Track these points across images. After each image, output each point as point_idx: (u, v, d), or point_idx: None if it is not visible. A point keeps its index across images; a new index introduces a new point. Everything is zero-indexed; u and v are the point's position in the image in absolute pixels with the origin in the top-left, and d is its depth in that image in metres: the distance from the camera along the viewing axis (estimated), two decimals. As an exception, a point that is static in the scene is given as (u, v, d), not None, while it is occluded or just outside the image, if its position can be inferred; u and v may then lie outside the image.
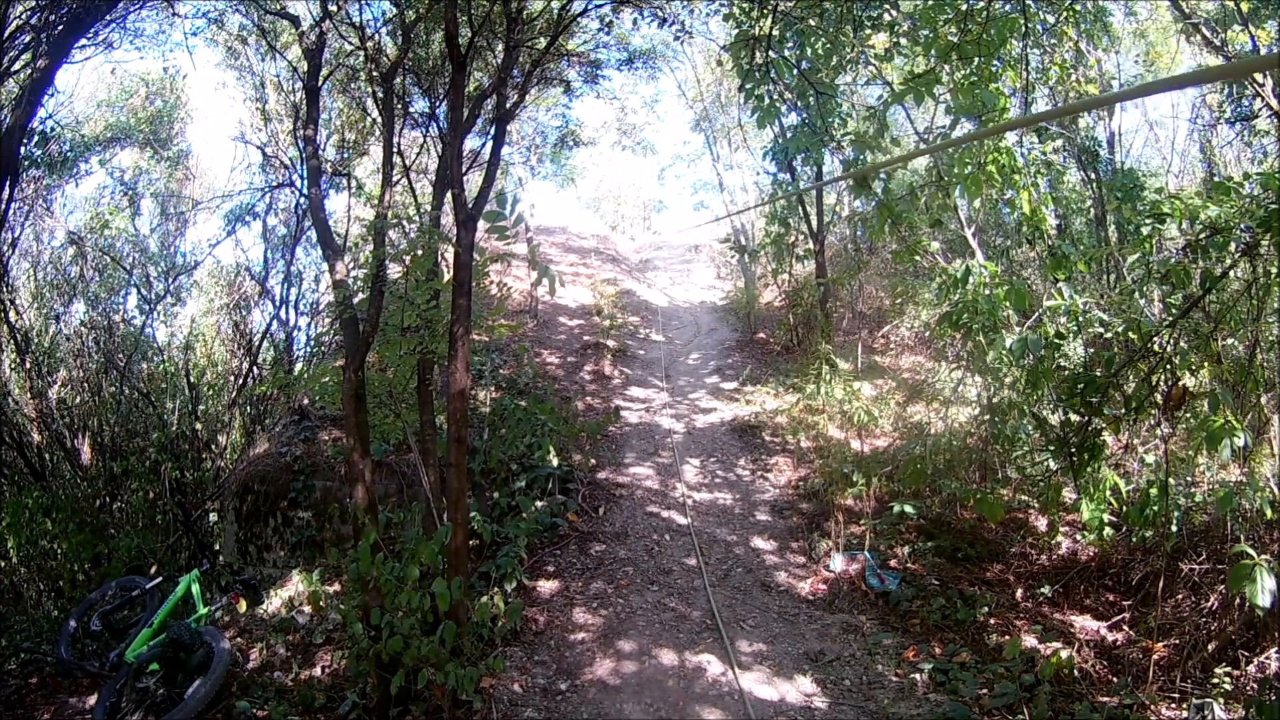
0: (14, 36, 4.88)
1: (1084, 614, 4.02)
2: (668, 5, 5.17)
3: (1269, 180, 3.05)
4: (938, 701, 3.33)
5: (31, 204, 8.23)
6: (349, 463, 3.77)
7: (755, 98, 4.79)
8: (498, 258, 4.11)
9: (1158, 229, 3.25)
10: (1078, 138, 6.77)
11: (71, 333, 8.63)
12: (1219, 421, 2.84)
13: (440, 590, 3.04)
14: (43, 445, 6.95)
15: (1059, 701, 3.18)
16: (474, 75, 6.19)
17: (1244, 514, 3.36)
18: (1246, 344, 3.69)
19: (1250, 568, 2.30)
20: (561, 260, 13.74)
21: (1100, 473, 3.54)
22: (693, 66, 13.61)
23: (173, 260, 10.21)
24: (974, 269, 3.90)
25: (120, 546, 5.57)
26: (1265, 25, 5.25)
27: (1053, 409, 4.46)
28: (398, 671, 3.08)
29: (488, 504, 5.35)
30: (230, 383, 9.20)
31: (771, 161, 8.13)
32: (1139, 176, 6.51)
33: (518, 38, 4.55)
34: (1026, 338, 3.64)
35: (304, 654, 4.24)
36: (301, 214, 9.07)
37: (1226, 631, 3.18)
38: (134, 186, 10.19)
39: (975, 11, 3.88)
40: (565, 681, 3.69)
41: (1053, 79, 5.65)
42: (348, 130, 8.40)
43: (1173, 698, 3.06)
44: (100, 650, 4.11)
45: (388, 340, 4.15)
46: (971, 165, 4.07)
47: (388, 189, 4.62)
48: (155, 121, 10.18)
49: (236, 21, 7.24)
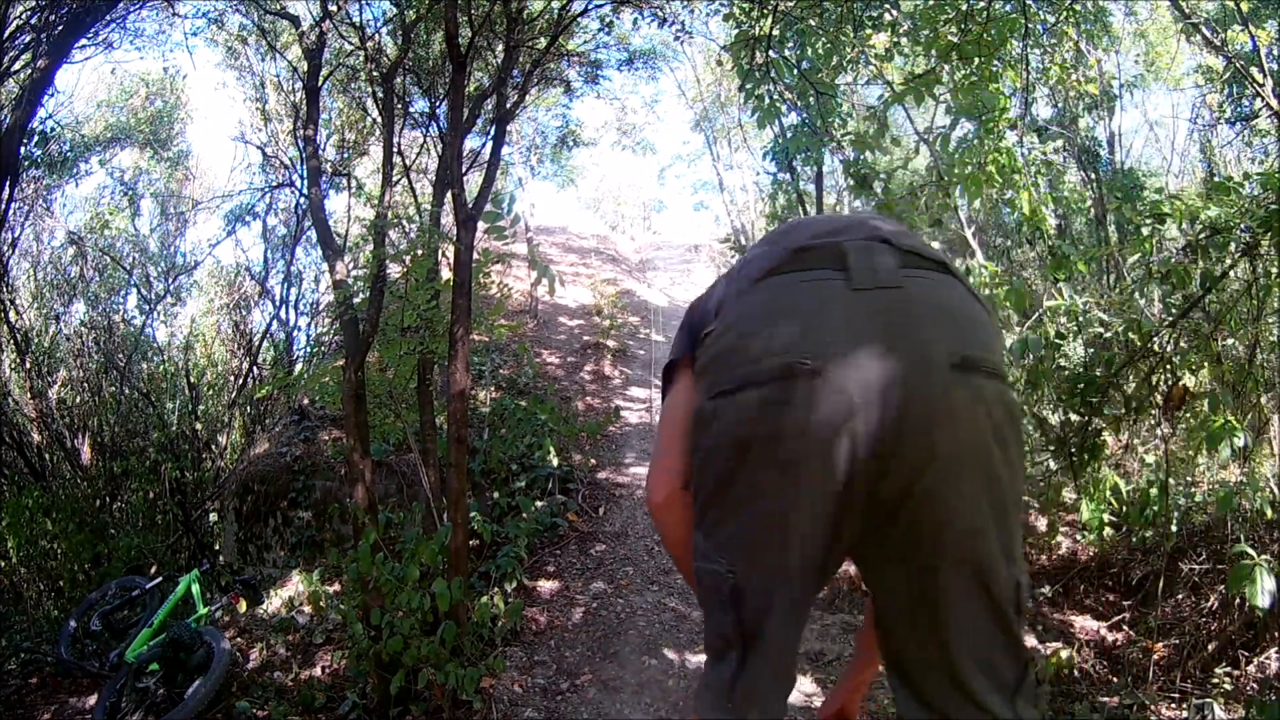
0: (14, 36, 4.88)
1: (1084, 614, 4.02)
2: (668, 5, 5.16)
3: (1269, 180, 3.05)
4: (938, 701, 3.32)
5: (31, 204, 8.22)
6: (349, 463, 3.77)
7: (755, 98, 4.79)
8: (498, 258, 4.11)
9: (1158, 229, 3.25)
10: (1078, 138, 6.78)
11: (71, 333, 8.62)
12: (1219, 421, 2.84)
13: (440, 590, 3.04)
14: (43, 445, 6.95)
15: (1059, 701, 3.18)
16: (474, 75, 6.19)
17: (1244, 514, 3.36)
18: (1246, 344, 3.69)
19: (1250, 568, 2.30)
20: (561, 260, 13.74)
21: (1100, 473, 3.54)
22: (693, 66, 13.61)
23: (173, 260, 10.20)
24: (974, 269, 3.90)
25: (120, 546, 5.57)
26: (1265, 25, 5.26)
27: (1053, 409, 4.46)
28: (398, 671, 3.08)
29: (488, 504, 5.35)
30: (230, 383, 9.20)
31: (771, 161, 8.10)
32: (1139, 176, 6.52)
33: (518, 38, 4.55)
34: (1026, 338, 3.64)
35: (304, 654, 4.24)
36: (301, 214, 9.06)
37: (1226, 631, 3.17)
38: (134, 186, 10.19)
39: (975, 11, 3.87)
40: (565, 681, 3.69)
41: (1053, 79, 5.65)
42: (348, 130, 8.39)
43: (1173, 698, 3.06)
44: (100, 650, 4.10)
45: (388, 340, 4.16)
46: (972, 165, 4.07)
47: (388, 189, 4.62)
48: (155, 121, 10.18)
49: (236, 21, 7.23)
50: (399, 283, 4.33)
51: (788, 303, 1.05)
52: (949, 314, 1.03)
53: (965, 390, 1.00)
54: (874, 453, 0.99)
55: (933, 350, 0.99)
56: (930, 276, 1.06)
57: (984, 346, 1.03)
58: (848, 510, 1.03)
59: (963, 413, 1.00)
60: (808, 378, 0.99)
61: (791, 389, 1.00)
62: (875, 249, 1.05)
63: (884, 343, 0.99)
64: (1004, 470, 1.03)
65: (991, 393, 1.02)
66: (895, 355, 0.99)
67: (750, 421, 1.03)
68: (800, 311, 1.03)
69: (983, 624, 1.04)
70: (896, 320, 1.00)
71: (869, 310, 1.01)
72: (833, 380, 0.99)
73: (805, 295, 1.04)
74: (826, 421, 0.99)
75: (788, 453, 1.01)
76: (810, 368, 0.99)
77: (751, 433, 1.03)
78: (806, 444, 1.00)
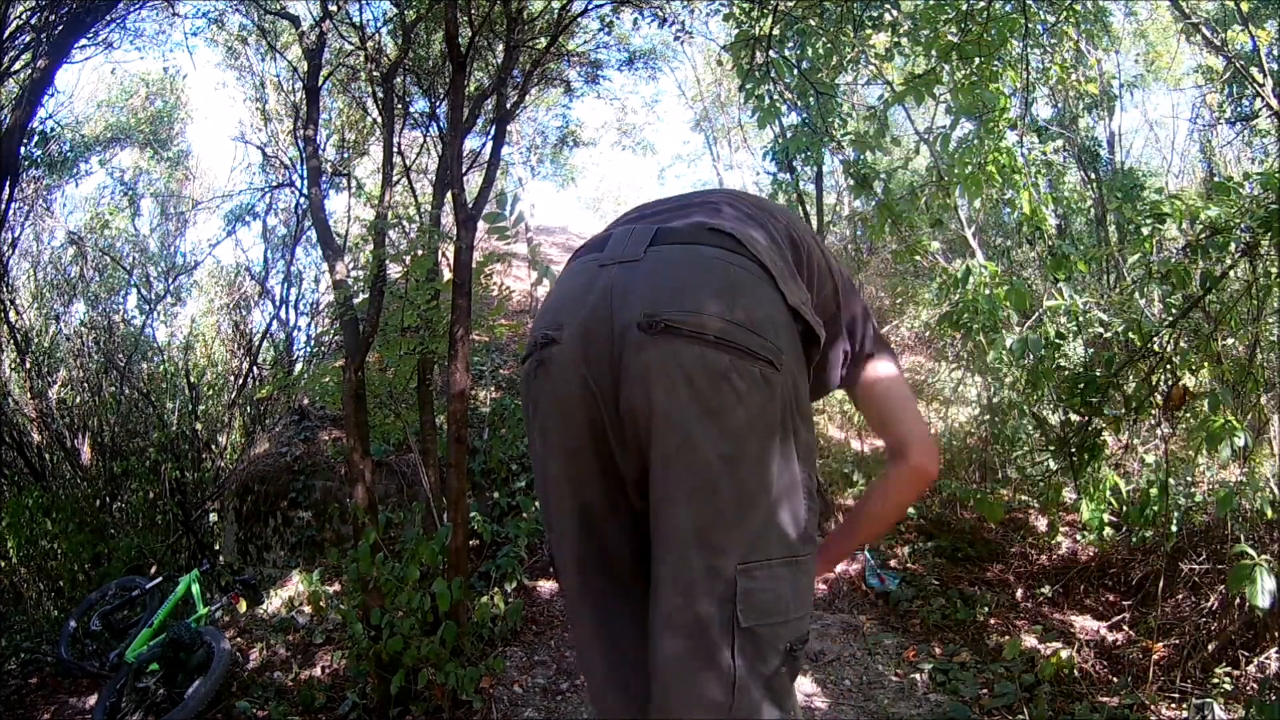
0: (14, 36, 4.87)
1: (1084, 614, 4.02)
2: (668, 5, 5.16)
3: (1269, 180, 3.05)
4: (938, 701, 3.33)
5: (31, 204, 8.21)
6: (349, 463, 3.76)
7: (755, 98, 4.78)
8: (498, 258, 4.11)
9: (1158, 229, 3.24)
10: (1078, 138, 6.77)
11: (71, 333, 8.62)
12: (1219, 421, 2.84)
13: (440, 590, 3.04)
14: (43, 445, 6.95)
15: (1059, 701, 3.18)
16: (474, 75, 6.18)
17: (1244, 514, 3.36)
18: (1246, 344, 3.69)
19: (1250, 568, 2.30)
20: (561, 260, 13.66)
21: (1100, 473, 3.54)
22: (693, 66, 13.60)
23: (173, 260, 10.21)
24: (974, 269, 3.90)
25: (120, 546, 5.56)
26: (1265, 25, 5.25)
27: (1053, 409, 4.46)
28: (398, 671, 3.08)
29: (488, 504, 5.35)
30: (230, 383, 9.19)
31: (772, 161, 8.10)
32: (1139, 176, 6.51)
33: (518, 38, 4.55)
34: (1026, 338, 3.63)
35: (304, 654, 4.24)
36: (301, 214, 9.05)
37: (1226, 631, 3.17)
38: (134, 186, 10.18)
39: (975, 11, 3.87)
40: (565, 681, 3.68)
41: (1053, 79, 5.64)
42: (348, 130, 8.39)
43: (1173, 698, 3.06)
44: (100, 650, 4.10)
45: (388, 340, 4.15)
46: (972, 165, 4.07)
47: (388, 189, 4.62)
48: (155, 122, 10.18)
49: (236, 21, 7.22)
50: (399, 283, 4.33)
51: (563, 284, 1.16)
52: (664, 278, 1.04)
53: (655, 351, 1.00)
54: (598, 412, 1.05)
55: (628, 314, 1.02)
56: (675, 250, 1.07)
57: (692, 310, 0.99)
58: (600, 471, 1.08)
59: (652, 373, 1.00)
60: (551, 347, 1.07)
61: (540, 359, 1.09)
62: (638, 230, 1.11)
63: (598, 310, 1.05)
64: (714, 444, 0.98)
65: (690, 357, 0.98)
66: (603, 319, 1.04)
67: (525, 386, 1.13)
68: (561, 289, 1.14)
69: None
70: (615, 287, 1.05)
71: (602, 284, 1.07)
72: (567, 348, 1.06)
73: (571, 275, 1.15)
74: (562, 385, 1.06)
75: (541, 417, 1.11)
76: (552, 337, 1.07)
77: (525, 397, 1.14)
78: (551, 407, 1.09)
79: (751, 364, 1.00)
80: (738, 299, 1.02)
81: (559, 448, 1.09)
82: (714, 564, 0.97)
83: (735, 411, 0.99)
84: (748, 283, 1.04)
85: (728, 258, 1.05)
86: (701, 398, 0.98)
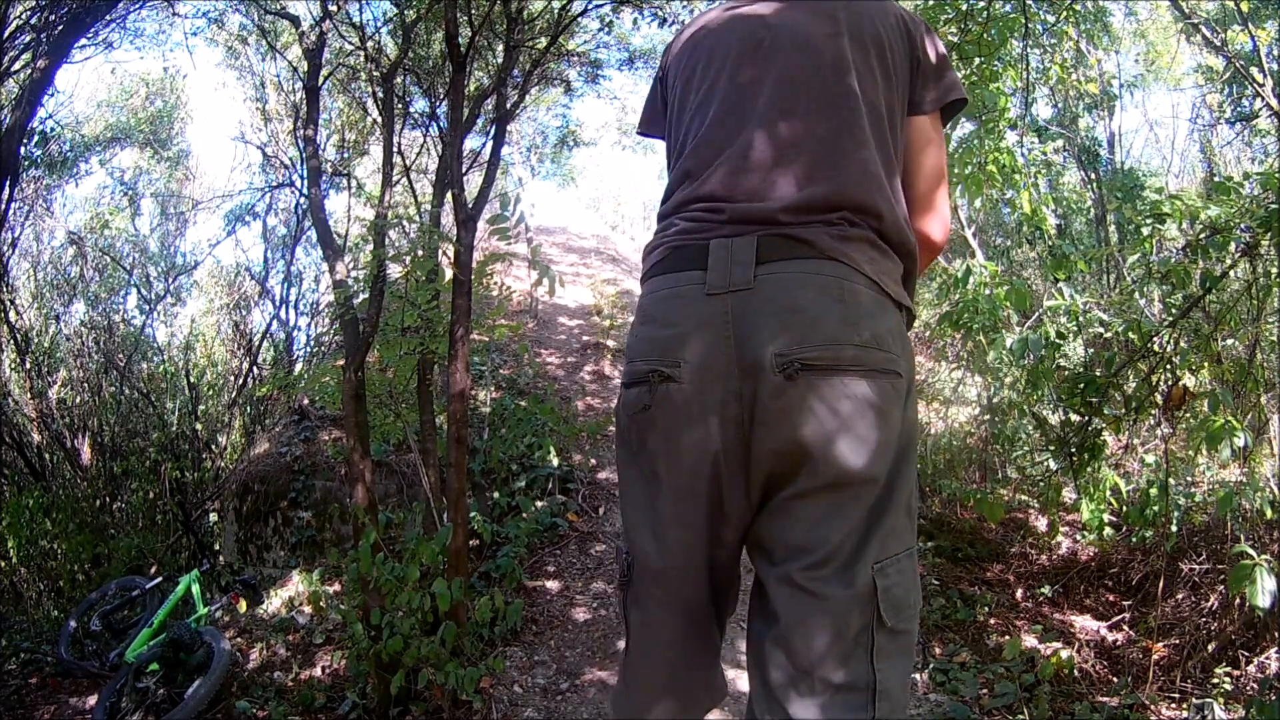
0: (14, 36, 4.87)
1: (1084, 614, 4.02)
2: (668, 5, 5.17)
3: (1269, 180, 3.05)
4: (938, 701, 3.33)
5: (31, 204, 8.22)
6: (349, 463, 3.76)
7: (755, 98, 4.78)
8: (498, 258, 4.10)
9: (1158, 229, 3.24)
10: (1078, 138, 6.78)
11: (71, 333, 8.62)
12: (1219, 421, 2.84)
13: (440, 590, 3.04)
14: (43, 445, 6.95)
15: (1059, 701, 3.18)
16: (474, 75, 6.19)
17: (1244, 514, 3.36)
18: (1246, 344, 3.69)
19: (1250, 568, 2.30)
20: (562, 260, 13.72)
21: (1100, 473, 3.54)
22: (693, 66, 13.58)
23: (173, 260, 10.21)
24: (974, 269, 3.90)
25: (120, 546, 5.57)
26: (1265, 25, 5.25)
27: (1053, 409, 4.46)
28: (398, 671, 3.08)
29: (488, 504, 5.35)
30: (230, 383, 9.20)
31: (771, 161, 8.09)
32: (1139, 176, 6.51)
33: (518, 38, 4.55)
34: (1026, 338, 3.63)
35: (304, 654, 4.24)
36: (301, 214, 9.06)
37: (1226, 631, 3.18)
38: (134, 186, 10.18)
39: (975, 11, 3.87)
40: (565, 681, 3.68)
41: (1053, 79, 5.64)
42: (348, 130, 8.39)
43: (1173, 698, 3.06)
44: (100, 650, 4.10)
45: (388, 340, 4.15)
46: (972, 165, 4.07)
47: (388, 189, 4.61)
48: (155, 121, 10.17)
49: (236, 21, 7.24)
50: (399, 283, 4.33)
51: (665, 309, 1.11)
52: (787, 311, 1.03)
53: (795, 393, 1.00)
54: (719, 452, 1.04)
55: (755, 352, 1.02)
56: (788, 277, 1.05)
57: (824, 343, 1.01)
58: (709, 513, 1.08)
59: (797, 414, 1.00)
60: (668, 385, 1.06)
61: (652, 395, 1.07)
62: (737, 246, 1.07)
63: (719, 346, 1.04)
64: (869, 466, 1.01)
65: (832, 392, 1.00)
66: (727, 357, 1.03)
67: (630, 419, 1.11)
68: (665, 314, 1.10)
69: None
70: (734, 321, 1.04)
71: (718, 317, 1.05)
72: (688, 389, 1.05)
73: (674, 301, 1.10)
74: (684, 426, 1.05)
75: (651, 456, 1.09)
76: (668, 374, 1.06)
77: (628, 430, 1.12)
78: (668, 447, 1.07)
79: (885, 380, 1.03)
80: (861, 319, 1.04)
81: (672, 488, 1.08)
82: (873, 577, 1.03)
83: (881, 431, 1.02)
84: (864, 299, 1.06)
85: (838, 270, 1.05)
86: (849, 427, 1.00)
